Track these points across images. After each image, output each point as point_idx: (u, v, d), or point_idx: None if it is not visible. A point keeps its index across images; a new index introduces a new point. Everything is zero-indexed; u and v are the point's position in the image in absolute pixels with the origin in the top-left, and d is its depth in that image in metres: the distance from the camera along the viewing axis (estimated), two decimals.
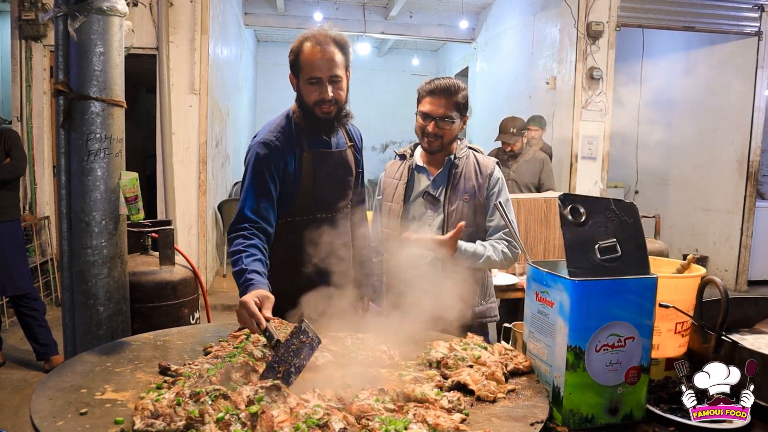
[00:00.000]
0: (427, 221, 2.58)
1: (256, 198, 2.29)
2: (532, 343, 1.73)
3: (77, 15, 2.30)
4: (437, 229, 2.54)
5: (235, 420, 1.34)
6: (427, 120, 2.51)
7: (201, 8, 6.50)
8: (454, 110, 2.50)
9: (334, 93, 2.29)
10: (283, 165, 2.34)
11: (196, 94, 6.58)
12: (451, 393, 1.54)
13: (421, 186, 2.62)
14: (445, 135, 2.51)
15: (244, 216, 2.25)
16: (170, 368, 1.71)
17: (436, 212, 2.57)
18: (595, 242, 1.63)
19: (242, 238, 2.17)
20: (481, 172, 2.59)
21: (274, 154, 2.32)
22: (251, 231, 2.21)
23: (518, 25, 9.10)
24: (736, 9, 7.64)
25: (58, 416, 1.43)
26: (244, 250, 2.12)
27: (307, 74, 2.29)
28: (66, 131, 2.41)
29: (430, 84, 2.53)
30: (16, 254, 4.74)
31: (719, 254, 8.25)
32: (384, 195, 2.72)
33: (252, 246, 2.15)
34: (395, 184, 2.67)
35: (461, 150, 2.62)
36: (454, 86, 2.50)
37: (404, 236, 2.42)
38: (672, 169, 8.90)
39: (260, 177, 2.31)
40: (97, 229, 2.40)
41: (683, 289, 1.88)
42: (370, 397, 1.46)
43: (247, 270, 2.04)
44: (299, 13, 10.45)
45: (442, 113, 2.48)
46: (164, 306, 2.96)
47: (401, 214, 2.61)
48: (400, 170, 2.70)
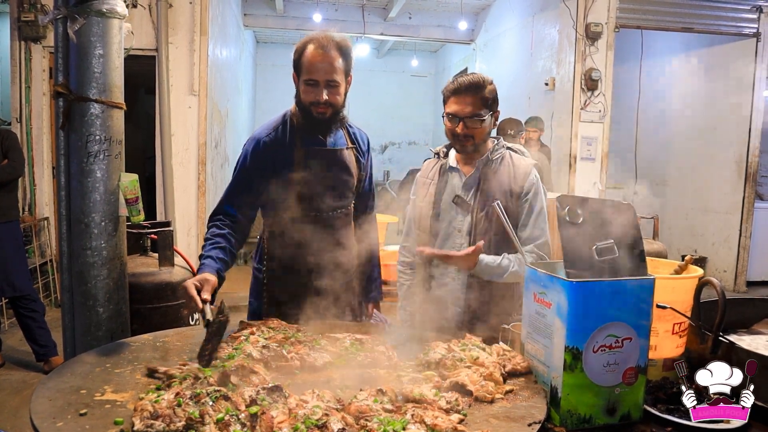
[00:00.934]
0: (457, 226, 2.45)
1: (237, 192, 2.42)
2: (530, 343, 1.73)
3: (77, 17, 2.30)
4: (466, 235, 2.41)
5: (234, 421, 1.35)
6: (455, 121, 2.36)
7: (200, 9, 6.50)
8: (482, 107, 2.35)
9: (329, 97, 2.33)
10: (273, 161, 2.40)
11: (195, 95, 6.58)
12: (449, 393, 1.55)
13: (453, 188, 2.49)
14: (476, 135, 2.36)
15: (221, 208, 2.40)
16: (158, 371, 1.71)
17: (465, 217, 2.44)
18: (593, 243, 1.64)
19: (215, 228, 2.34)
20: (515, 175, 2.41)
21: (263, 150, 2.40)
22: (225, 222, 2.35)
23: (517, 26, 9.11)
24: (734, 10, 7.65)
25: (58, 417, 1.44)
26: (210, 238, 2.30)
27: (305, 75, 2.34)
28: (65, 133, 2.42)
29: (454, 83, 2.39)
30: (15, 255, 4.73)
31: (718, 255, 8.25)
32: (417, 195, 2.61)
33: (219, 236, 2.30)
34: (428, 183, 2.57)
35: (496, 151, 2.47)
36: (479, 82, 2.36)
37: (418, 250, 2.37)
38: (671, 169, 8.90)
39: (245, 172, 2.42)
40: (96, 230, 2.41)
41: (681, 290, 1.89)
42: (368, 398, 1.47)
43: (203, 256, 2.21)
44: (298, 15, 10.44)
45: (469, 112, 2.34)
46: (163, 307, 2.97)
47: (431, 217, 2.50)
48: (434, 170, 2.58)
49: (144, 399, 1.47)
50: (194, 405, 1.41)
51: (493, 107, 2.41)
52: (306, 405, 1.42)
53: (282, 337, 1.92)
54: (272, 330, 1.99)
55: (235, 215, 2.37)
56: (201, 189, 6.74)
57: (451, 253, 2.31)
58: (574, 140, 7.32)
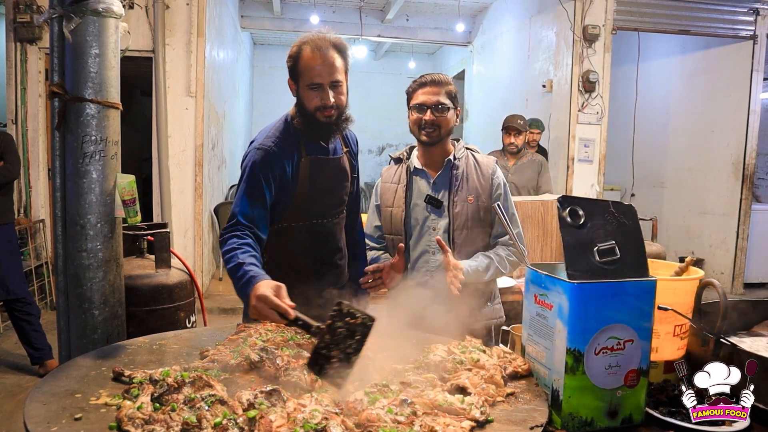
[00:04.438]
0: (432, 225, 2.55)
1: (251, 204, 2.27)
2: (531, 346, 1.72)
3: (72, 16, 2.28)
4: (443, 233, 2.52)
5: (232, 425, 1.33)
6: (423, 111, 2.49)
7: (197, 11, 6.49)
8: (447, 98, 2.50)
9: (335, 98, 2.26)
10: (280, 171, 2.32)
11: (192, 96, 6.57)
12: (477, 399, 1.51)
13: (421, 189, 2.59)
14: (442, 124, 2.49)
15: (237, 221, 2.23)
16: (123, 373, 1.67)
17: (441, 216, 2.54)
18: (594, 244, 1.62)
19: (236, 238, 2.16)
20: (482, 172, 2.56)
21: (271, 160, 2.30)
22: (244, 232, 2.20)
23: (514, 28, 9.11)
24: (731, 13, 7.67)
25: (53, 421, 1.41)
26: (239, 247, 2.10)
27: (307, 80, 2.25)
28: (61, 133, 2.39)
29: (420, 79, 2.56)
30: (9, 258, 4.71)
31: (715, 257, 8.26)
32: (383, 200, 2.67)
33: (246, 244, 2.13)
34: (394, 188, 2.63)
35: (460, 150, 2.60)
36: (443, 77, 2.54)
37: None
38: (667, 171, 8.92)
39: (256, 183, 2.28)
40: (92, 232, 2.38)
41: (682, 292, 1.88)
42: (383, 408, 1.43)
43: (244, 263, 2.00)
44: (296, 17, 10.44)
45: (436, 101, 2.48)
46: (160, 309, 2.93)
47: (404, 219, 2.58)
48: (397, 174, 2.66)
49: (122, 409, 1.41)
50: (189, 410, 1.39)
51: (455, 103, 2.55)
52: (304, 409, 1.39)
53: (281, 339, 1.90)
54: (270, 332, 1.97)
55: (251, 227, 2.23)
56: (198, 191, 6.72)
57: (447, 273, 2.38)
58: (571, 142, 7.33)
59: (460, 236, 2.51)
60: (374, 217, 2.72)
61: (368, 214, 2.77)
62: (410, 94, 2.57)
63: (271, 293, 1.79)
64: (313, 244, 2.43)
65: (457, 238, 2.51)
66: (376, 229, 2.71)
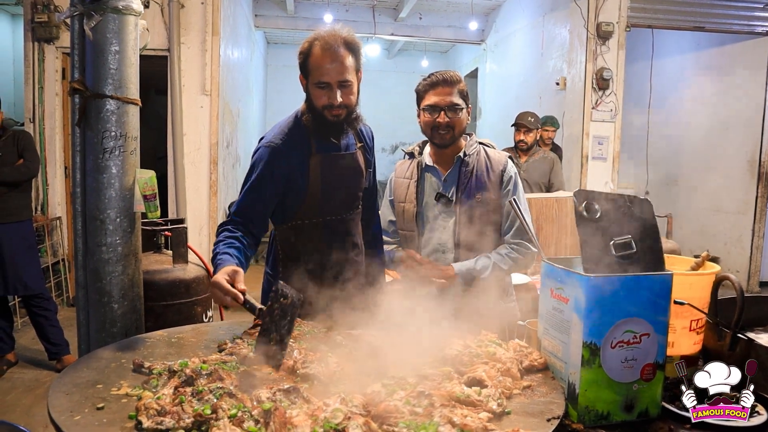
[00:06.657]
0: (442, 223, 2.54)
1: (250, 201, 2.30)
2: (547, 339, 1.72)
3: (93, 14, 2.31)
4: (451, 230, 2.52)
5: (248, 417, 1.34)
6: (436, 112, 2.46)
7: (212, 10, 6.52)
8: (460, 98, 2.47)
9: (343, 98, 2.23)
10: (288, 168, 2.31)
11: (207, 95, 6.60)
12: (494, 392, 1.52)
13: (432, 185, 2.58)
14: (456, 125, 2.48)
15: (233, 216, 2.29)
16: (143, 365, 1.72)
17: (450, 213, 2.53)
18: (610, 239, 1.63)
19: (227, 232, 2.22)
20: (492, 168, 2.53)
21: (277, 157, 2.29)
22: (237, 227, 2.24)
23: (528, 26, 9.09)
24: (746, 9, 7.59)
25: (76, 410, 1.44)
26: (223, 240, 2.17)
27: (315, 78, 2.23)
28: (81, 129, 2.43)
29: (430, 78, 2.51)
30: (27, 255, 4.77)
31: (730, 255, 8.19)
32: (396, 195, 2.67)
33: (232, 238, 2.19)
34: (406, 183, 2.63)
35: (471, 146, 2.56)
36: (454, 76, 2.50)
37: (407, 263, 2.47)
38: (682, 169, 8.85)
39: (259, 180, 2.30)
40: (111, 226, 2.42)
41: (698, 287, 1.87)
42: (401, 400, 1.42)
43: (218, 254, 2.08)
44: (309, 15, 10.48)
45: (450, 102, 2.45)
46: (177, 304, 2.97)
47: (416, 215, 2.57)
48: (410, 169, 2.65)
49: (142, 398, 1.46)
50: (197, 402, 1.41)
51: (467, 102, 2.52)
52: (327, 408, 1.38)
53: (297, 332, 1.92)
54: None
55: (247, 224, 2.26)
56: (213, 189, 6.76)
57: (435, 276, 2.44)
58: (585, 140, 7.29)
59: (467, 234, 2.49)
60: (388, 211, 2.73)
61: (382, 208, 2.77)
62: (421, 94, 2.54)
63: (224, 279, 1.85)
64: (328, 241, 2.42)
65: (463, 235, 2.49)
66: (390, 224, 2.71)
